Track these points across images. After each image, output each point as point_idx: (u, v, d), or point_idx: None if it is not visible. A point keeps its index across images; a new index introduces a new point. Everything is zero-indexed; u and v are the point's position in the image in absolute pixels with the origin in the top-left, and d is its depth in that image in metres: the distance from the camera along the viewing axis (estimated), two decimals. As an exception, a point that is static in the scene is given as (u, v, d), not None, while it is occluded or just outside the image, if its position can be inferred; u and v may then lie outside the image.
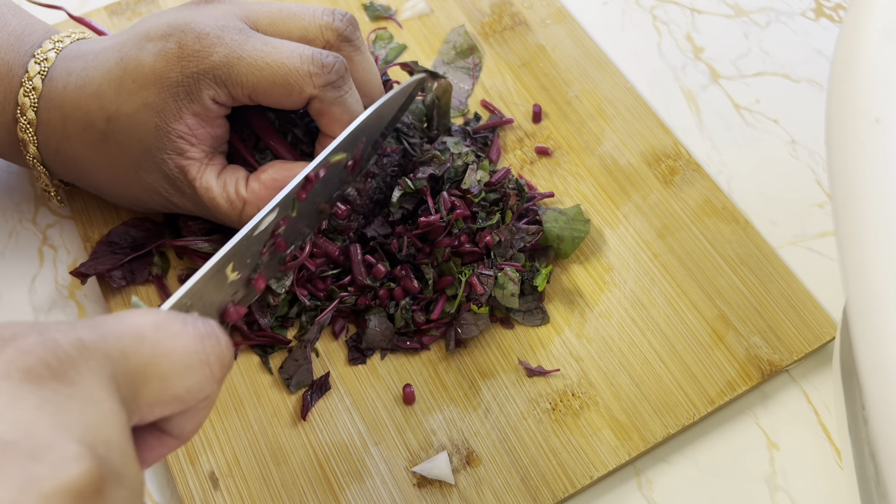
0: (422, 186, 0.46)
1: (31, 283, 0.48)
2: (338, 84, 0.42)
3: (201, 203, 0.43)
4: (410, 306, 0.45)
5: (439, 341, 0.45)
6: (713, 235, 0.48)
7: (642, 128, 0.53)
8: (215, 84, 0.40)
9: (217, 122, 0.42)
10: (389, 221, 0.46)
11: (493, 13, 0.58)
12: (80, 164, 0.43)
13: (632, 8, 0.60)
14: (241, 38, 0.41)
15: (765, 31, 0.59)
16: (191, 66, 0.40)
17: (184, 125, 0.41)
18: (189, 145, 0.41)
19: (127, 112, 0.41)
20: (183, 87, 0.40)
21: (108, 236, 0.47)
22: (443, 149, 0.48)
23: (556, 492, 0.41)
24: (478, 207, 0.46)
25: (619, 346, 0.45)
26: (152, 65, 0.40)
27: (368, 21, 0.58)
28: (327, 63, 0.41)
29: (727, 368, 0.44)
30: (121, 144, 0.41)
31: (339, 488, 0.41)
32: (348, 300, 0.45)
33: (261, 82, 0.40)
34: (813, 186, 0.52)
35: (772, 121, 0.55)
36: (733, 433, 0.44)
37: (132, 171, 0.42)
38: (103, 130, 0.41)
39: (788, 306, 0.46)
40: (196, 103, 0.41)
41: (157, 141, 0.41)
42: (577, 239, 0.47)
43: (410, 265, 0.46)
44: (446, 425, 0.43)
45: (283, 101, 0.41)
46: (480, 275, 0.44)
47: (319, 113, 0.42)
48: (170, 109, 0.40)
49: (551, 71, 0.55)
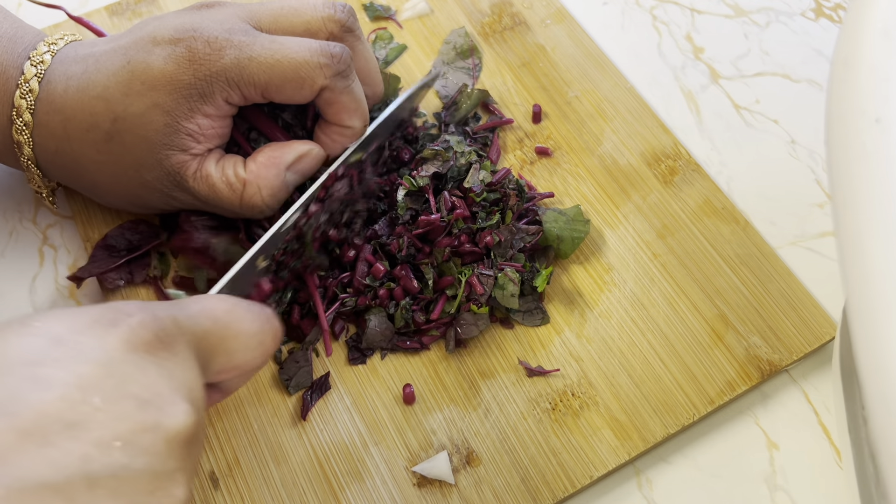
0: (425, 184, 0.46)
1: (32, 283, 0.48)
2: (346, 73, 0.43)
3: (201, 193, 0.43)
4: (410, 306, 0.45)
5: (439, 341, 0.45)
6: (713, 235, 0.48)
7: (642, 128, 0.53)
8: (228, 86, 0.41)
9: (226, 121, 0.43)
10: (395, 222, 0.46)
11: (493, 13, 0.58)
12: (81, 165, 0.43)
13: (632, 8, 0.60)
14: (249, 39, 0.42)
15: (765, 32, 0.59)
16: (203, 70, 0.41)
17: (194, 124, 0.41)
18: (195, 143, 0.42)
19: (135, 112, 0.41)
20: (196, 90, 0.41)
21: (105, 240, 0.47)
22: (446, 147, 0.48)
23: (556, 491, 0.41)
24: (478, 207, 0.46)
25: (619, 346, 0.45)
26: (162, 68, 0.41)
27: (368, 21, 0.58)
28: (336, 53, 0.42)
29: (727, 368, 0.44)
30: (125, 144, 0.42)
31: (339, 488, 0.41)
32: (348, 301, 0.45)
33: (273, 79, 0.41)
34: (813, 186, 0.52)
35: (772, 121, 0.55)
36: (733, 433, 0.44)
37: (133, 171, 0.43)
38: (108, 131, 0.42)
39: (788, 306, 0.46)
40: (209, 105, 0.41)
41: (163, 137, 0.41)
42: (576, 239, 0.47)
43: (410, 265, 0.45)
44: (446, 425, 0.43)
45: (295, 95, 0.42)
46: (480, 275, 0.44)
47: (329, 103, 0.43)
48: (181, 109, 0.41)
49: (551, 71, 0.55)
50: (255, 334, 0.32)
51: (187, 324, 0.29)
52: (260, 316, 0.33)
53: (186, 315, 0.30)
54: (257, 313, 0.33)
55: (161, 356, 0.27)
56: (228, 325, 0.31)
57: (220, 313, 0.31)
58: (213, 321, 0.31)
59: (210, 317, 0.31)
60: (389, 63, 0.56)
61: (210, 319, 0.31)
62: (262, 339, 0.32)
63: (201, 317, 0.30)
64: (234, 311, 0.32)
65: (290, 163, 0.43)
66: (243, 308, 0.32)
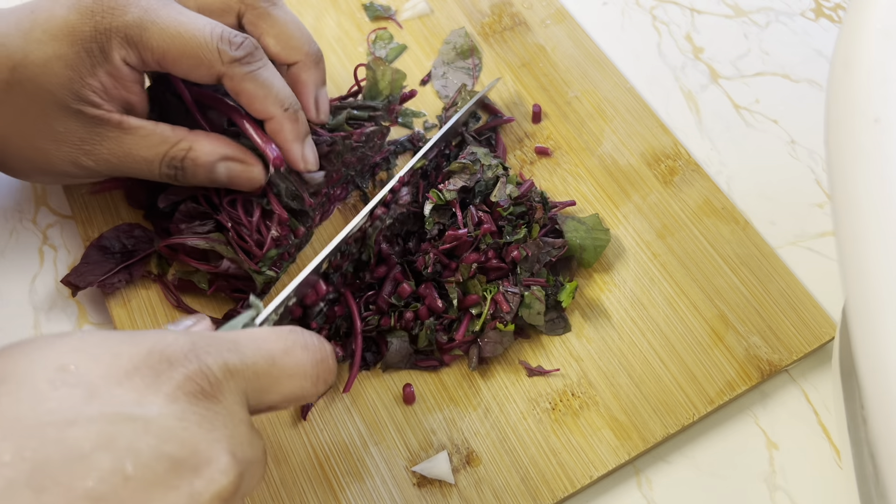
0: (453, 198, 0.45)
1: (32, 283, 0.48)
2: (247, 61, 0.42)
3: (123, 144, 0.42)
4: (434, 326, 0.44)
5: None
6: (713, 235, 0.48)
7: (642, 128, 0.53)
8: (126, 44, 0.41)
9: (132, 87, 0.42)
10: (422, 238, 0.45)
11: (492, 13, 0.58)
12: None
13: (631, 8, 0.60)
14: (158, 4, 0.41)
15: (764, 32, 0.59)
16: (104, 22, 0.40)
17: (97, 81, 0.41)
18: (102, 100, 0.41)
19: (35, 61, 0.40)
20: (96, 43, 0.40)
21: (100, 240, 0.46)
22: (473, 159, 0.47)
23: (556, 491, 0.41)
24: (504, 221, 0.45)
25: (619, 346, 0.45)
26: (65, 16, 0.40)
27: (368, 21, 0.58)
28: (234, 41, 0.42)
29: (727, 368, 0.44)
30: (28, 93, 0.41)
31: (339, 488, 0.41)
32: (371, 321, 0.44)
33: (171, 50, 0.41)
34: (813, 186, 0.52)
35: (771, 121, 0.55)
36: (733, 433, 0.44)
37: (41, 121, 0.42)
38: (6, 80, 0.41)
39: (788, 306, 0.46)
40: (108, 63, 0.41)
41: (70, 93, 0.41)
42: (599, 248, 0.46)
43: (435, 283, 0.45)
44: (446, 425, 0.43)
45: (192, 73, 0.42)
46: (506, 292, 0.44)
47: (234, 92, 0.43)
48: (84, 64, 0.40)
49: (551, 71, 0.55)
50: (308, 376, 0.31)
51: (239, 369, 0.28)
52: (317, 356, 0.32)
53: (240, 360, 0.29)
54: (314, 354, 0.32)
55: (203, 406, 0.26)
56: (284, 368, 0.30)
57: (279, 354, 0.30)
58: (269, 363, 0.30)
59: (267, 359, 0.30)
60: (389, 63, 0.56)
61: (266, 361, 0.30)
62: (314, 380, 0.31)
63: (258, 359, 0.29)
64: (292, 351, 0.31)
65: (226, 155, 0.43)
66: (300, 347, 0.31)
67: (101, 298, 0.47)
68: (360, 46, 0.57)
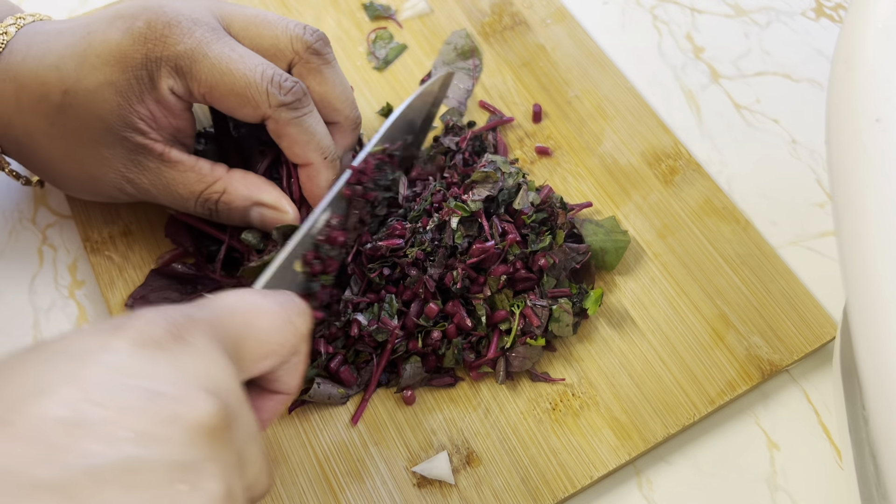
0: (478, 209, 0.44)
1: (31, 283, 0.48)
2: (294, 106, 0.42)
3: (162, 176, 0.42)
4: (462, 345, 0.43)
5: None
6: (713, 235, 0.48)
7: (642, 128, 0.53)
8: (175, 73, 0.41)
9: (181, 115, 0.42)
10: (451, 253, 0.43)
11: (493, 13, 0.58)
12: (34, 139, 0.43)
13: (632, 8, 0.60)
14: (211, 37, 0.41)
15: (765, 31, 0.59)
16: (155, 51, 0.40)
17: (145, 109, 0.41)
18: (149, 128, 0.41)
19: (87, 87, 0.41)
20: (146, 71, 0.40)
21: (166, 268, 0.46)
22: (494, 168, 0.46)
23: (556, 491, 0.41)
24: (527, 229, 0.44)
25: (619, 346, 0.45)
26: (118, 41, 0.40)
27: (368, 21, 0.58)
28: (285, 85, 0.41)
29: (727, 368, 0.44)
30: (79, 118, 0.41)
31: (339, 488, 0.41)
32: (399, 347, 0.43)
33: (219, 86, 0.41)
34: (813, 186, 0.52)
35: (772, 121, 0.55)
36: (733, 433, 0.44)
37: (90, 145, 0.42)
38: (59, 103, 0.41)
39: (789, 306, 0.46)
40: (156, 90, 0.41)
41: (118, 119, 0.41)
42: (620, 249, 0.46)
43: (462, 299, 0.43)
44: (446, 425, 0.43)
45: (238, 111, 0.42)
46: (535, 306, 0.43)
47: (276, 134, 0.43)
48: (133, 91, 0.41)
49: (551, 71, 0.55)
50: (277, 315, 0.31)
51: (201, 314, 0.29)
52: (279, 297, 0.32)
53: (199, 308, 0.29)
54: (275, 297, 0.32)
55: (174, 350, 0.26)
56: (247, 309, 0.31)
57: (236, 303, 0.31)
58: (229, 311, 0.30)
59: (225, 307, 0.30)
60: (389, 63, 0.56)
61: (225, 310, 0.30)
62: (288, 317, 0.32)
63: (216, 306, 0.30)
64: (249, 299, 0.31)
65: (262, 201, 0.43)
66: (259, 296, 0.32)
67: (101, 299, 0.47)
68: (360, 46, 0.56)
